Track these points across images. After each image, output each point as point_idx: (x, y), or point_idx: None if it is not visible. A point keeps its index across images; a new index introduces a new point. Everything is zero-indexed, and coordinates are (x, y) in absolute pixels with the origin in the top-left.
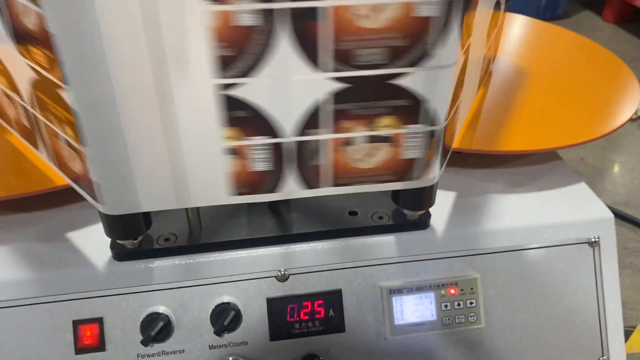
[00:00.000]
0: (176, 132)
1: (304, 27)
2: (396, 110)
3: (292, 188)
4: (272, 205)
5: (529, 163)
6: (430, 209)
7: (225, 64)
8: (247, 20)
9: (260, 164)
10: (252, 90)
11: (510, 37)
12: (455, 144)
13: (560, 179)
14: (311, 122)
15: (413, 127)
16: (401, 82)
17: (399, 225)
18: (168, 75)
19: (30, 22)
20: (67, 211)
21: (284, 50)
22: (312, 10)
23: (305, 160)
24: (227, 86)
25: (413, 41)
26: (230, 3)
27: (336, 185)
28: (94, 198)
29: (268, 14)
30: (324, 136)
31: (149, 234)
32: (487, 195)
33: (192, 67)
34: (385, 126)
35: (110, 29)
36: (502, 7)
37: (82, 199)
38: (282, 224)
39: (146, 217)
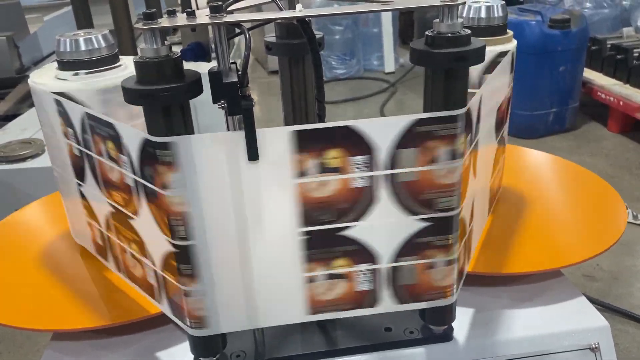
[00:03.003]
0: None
1: None
2: None
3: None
4: (320, 323)
5: (535, 280)
6: (453, 323)
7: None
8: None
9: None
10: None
11: (514, 168)
12: (470, 267)
13: (562, 292)
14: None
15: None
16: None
17: (427, 338)
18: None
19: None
20: (158, 333)
21: None
22: None
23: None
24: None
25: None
26: None
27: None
28: (185, 323)
29: None
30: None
31: (224, 352)
32: (500, 310)
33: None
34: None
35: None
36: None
37: (170, 321)
38: (330, 340)
39: (223, 338)
